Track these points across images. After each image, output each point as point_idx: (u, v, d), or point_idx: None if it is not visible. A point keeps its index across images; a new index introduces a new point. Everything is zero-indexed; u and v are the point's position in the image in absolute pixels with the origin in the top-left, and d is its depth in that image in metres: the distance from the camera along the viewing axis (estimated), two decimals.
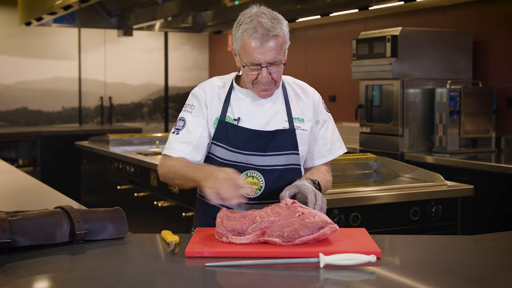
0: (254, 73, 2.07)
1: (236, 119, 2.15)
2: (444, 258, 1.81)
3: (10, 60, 8.06)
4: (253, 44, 2.02)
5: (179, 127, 2.17)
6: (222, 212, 1.95)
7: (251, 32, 2.02)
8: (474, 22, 5.09)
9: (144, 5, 6.53)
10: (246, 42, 2.03)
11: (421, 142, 4.83)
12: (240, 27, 2.05)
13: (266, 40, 2.02)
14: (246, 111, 2.17)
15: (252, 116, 2.16)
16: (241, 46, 2.05)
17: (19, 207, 2.35)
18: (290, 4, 5.74)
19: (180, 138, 2.15)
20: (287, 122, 2.19)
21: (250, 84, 2.12)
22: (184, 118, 2.18)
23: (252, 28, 2.02)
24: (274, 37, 2.03)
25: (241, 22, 2.06)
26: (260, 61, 2.04)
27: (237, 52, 2.10)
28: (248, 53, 2.04)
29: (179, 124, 2.18)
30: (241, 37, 2.04)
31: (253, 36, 2.02)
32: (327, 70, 6.80)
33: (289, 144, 2.17)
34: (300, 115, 2.22)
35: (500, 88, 4.87)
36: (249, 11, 2.09)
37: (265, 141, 2.13)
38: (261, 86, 2.10)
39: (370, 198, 2.89)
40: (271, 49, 2.03)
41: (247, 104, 2.18)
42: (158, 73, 8.90)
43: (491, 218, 4.10)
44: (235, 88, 2.21)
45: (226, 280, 1.67)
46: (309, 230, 1.84)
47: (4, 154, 7.77)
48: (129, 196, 4.69)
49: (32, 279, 1.61)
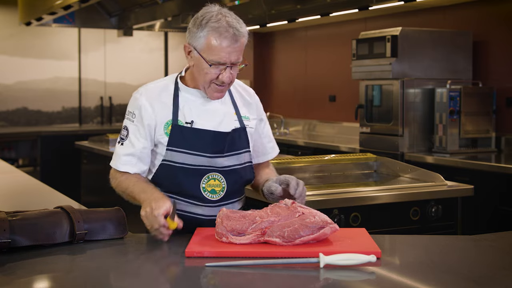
0: (215, 72, 2.05)
1: (189, 122, 2.13)
2: (444, 258, 1.81)
3: (10, 60, 8.05)
4: (223, 43, 2.01)
5: (123, 137, 2.19)
6: (222, 212, 1.95)
7: (223, 31, 2.01)
8: (474, 22, 5.09)
9: (144, 5, 6.53)
10: (215, 40, 2.01)
11: (421, 142, 4.83)
12: (206, 25, 2.02)
13: (235, 40, 2.02)
14: (197, 114, 2.15)
15: (205, 118, 2.15)
16: (207, 44, 2.02)
17: (19, 207, 2.35)
18: (290, 4, 5.74)
19: (125, 150, 2.18)
20: (237, 122, 2.21)
21: (206, 84, 2.09)
22: (127, 127, 2.18)
23: (223, 28, 2.01)
24: (242, 37, 2.04)
25: (207, 20, 2.02)
26: (226, 60, 2.03)
27: (198, 50, 2.05)
28: (215, 51, 2.02)
29: (123, 134, 2.19)
30: (207, 35, 2.01)
31: (223, 35, 2.01)
32: (327, 70, 6.80)
33: (243, 143, 2.21)
34: (246, 113, 2.26)
35: (500, 88, 4.87)
36: (210, 9, 2.07)
37: (223, 142, 2.14)
38: (218, 87, 2.09)
39: (370, 198, 2.89)
40: (238, 49, 2.04)
41: (198, 106, 2.16)
42: (158, 73, 8.90)
43: (491, 218, 4.10)
44: (181, 89, 2.17)
45: (226, 280, 1.67)
46: (309, 230, 1.84)
47: (4, 154, 7.77)
48: None
49: (32, 279, 1.61)
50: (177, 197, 2.14)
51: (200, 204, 2.14)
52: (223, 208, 1.98)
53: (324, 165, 3.50)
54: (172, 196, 2.14)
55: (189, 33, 2.08)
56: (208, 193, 2.14)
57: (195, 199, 2.14)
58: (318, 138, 6.30)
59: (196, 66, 2.09)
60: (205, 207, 2.15)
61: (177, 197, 2.14)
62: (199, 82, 2.11)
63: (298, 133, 7.01)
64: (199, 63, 2.07)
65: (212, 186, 2.14)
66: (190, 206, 2.15)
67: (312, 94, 7.08)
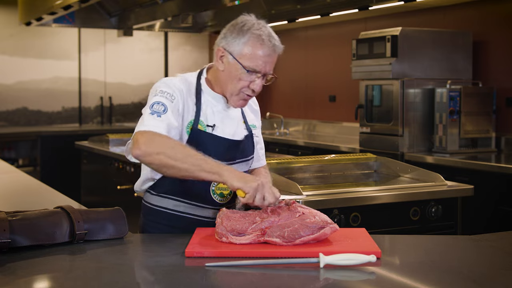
0: (247, 80, 2.05)
1: (211, 126, 2.11)
2: (444, 258, 1.81)
3: (10, 60, 8.05)
4: (263, 52, 2.02)
5: (158, 111, 1.98)
6: (222, 212, 1.95)
7: (265, 39, 2.02)
8: (474, 22, 5.09)
9: (144, 5, 6.53)
10: (255, 47, 2.02)
11: (421, 142, 4.83)
12: (248, 32, 2.02)
13: (273, 50, 2.05)
14: (220, 118, 2.14)
15: (225, 124, 2.15)
16: (246, 50, 2.02)
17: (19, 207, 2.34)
18: (290, 4, 5.74)
19: (163, 123, 1.97)
20: (246, 130, 2.22)
21: (235, 90, 2.08)
22: (163, 103, 2.01)
23: (265, 36, 2.03)
24: (279, 50, 2.07)
25: (248, 27, 2.03)
26: (262, 69, 2.04)
27: (234, 55, 2.04)
28: (253, 59, 2.03)
29: (158, 108, 1.99)
30: (248, 41, 2.02)
31: (265, 44, 2.02)
32: (327, 70, 6.80)
33: (250, 150, 2.23)
34: (253, 121, 2.28)
35: (500, 88, 4.87)
36: (249, 17, 2.08)
37: (236, 150, 2.14)
38: (245, 95, 2.09)
39: (370, 198, 2.89)
40: (273, 60, 2.07)
41: (220, 112, 2.15)
42: (158, 73, 8.90)
43: (491, 218, 4.10)
44: (204, 91, 2.15)
45: (226, 280, 1.67)
46: (309, 230, 1.85)
47: (4, 154, 7.77)
48: (129, 196, 4.69)
49: (32, 279, 1.61)
50: (184, 200, 2.13)
51: (208, 207, 2.14)
52: (223, 208, 1.98)
53: (324, 165, 3.50)
54: (178, 199, 2.13)
55: (225, 38, 2.07)
56: (217, 196, 2.14)
57: (204, 202, 2.13)
58: (318, 138, 6.30)
59: (227, 72, 2.07)
60: (211, 210, 2.15)
61: (184, 200, 2.13)
62: (227, 88, 2.09)
63: (298, 133, 7.01)
64: (232, 69, 2.06)
65: (221, 190, 2.14)
66: (197, 208, 2.14)
67: (312, 94, 7.08)
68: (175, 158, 1.88)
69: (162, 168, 1.91)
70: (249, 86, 2.07)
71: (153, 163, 1.91)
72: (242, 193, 1.88)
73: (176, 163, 1.88)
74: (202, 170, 1.88)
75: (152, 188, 2.18)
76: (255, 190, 1.87)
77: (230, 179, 1.87)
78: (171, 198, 2.14)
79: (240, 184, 1.86)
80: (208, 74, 2.18)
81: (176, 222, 2.14)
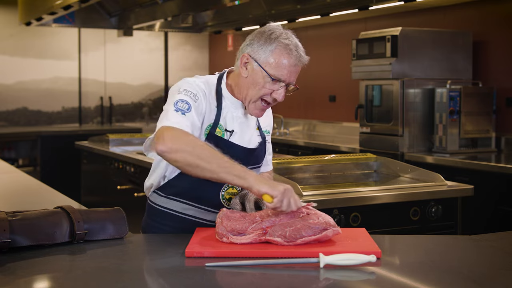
0: (270, 88, 2.05)
1: (230, 131, 2.10)
2: (444, 258, 1.81)
3: (10, 60, 8.06)
4: (289, 61, 2.02)
5: (182, 109, 1.96)
6: (222, 212, 1.95)
7: (292, 49, 2.02)
8: (474, 22, 5.09)
9: (144, 5, 6.53)
10: (282, 56, 2.02)
11: (421, 142, 4.83)
12: (276, 40, 2.02)
13: (299, 61, 2.05)
14: (238, 125, 2.13)
15: (243, 131, 2.14)
16: (273, 59, 2.02)
17: (19, 207, 2.35)
18: (290, 4, 5.74)
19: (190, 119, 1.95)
20: (259, 137, 2.21)
21: (255, 98, 2.07)
22: (187, 101, 1.98)
23: (293, 46, 2.03)
24: (304, 62, 2.07)
25: (277, 36, 2.03)
26: (286, 78, 2.04)
27: (260, 63, 2.04)
28: (279, 67, 2.02)
29: (183, 106, 1.96)
30: (275, 50, 2.02)
31: (292, 54, 2.02)
32: (327, 70, 6.80)
33: (261, 156, 2.23)
34: (267, 127, 2.28)
35: (500, 88, 4.87)
36: (275, 26, 2.07)
37: (249, 158, 2.13)
38: (263, 105, 2.08)
39: (370, 198, 2.89)
40: (297, 71, 2.07)
41: (240, 117, 2.14)
42: (158, 73, 8.90)
43: (491, 218, 4.10)
44: (225, 96, 2.13)
45: (226, 280, 1.67)
46: (311, 230, 1.85)
47: (4, 154, 7.77)
48: (129, 196, 4.69)
49: (32, 279, 1.61)
50: (193, 203, 2.12)
51: (216, 211, 2.10)
52: (223, 209, 1.98)
53: (324, 165, 3.50)
54: (187, 203, 2.12)
55: (251, 45, 2.06)
56: (226, 201, 2.13)
57: (212, 206, 2.12)
58: (318, 138, 6.30)
59: (251, 78, 2.06)
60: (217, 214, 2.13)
61: (193, 203, 2.12)
62: (247, 94, 2.08)
63: (298, 133, 7.01)
64: (256, 76, 2.05)
65: (230, 195, 2.13)
66: (205, 212, 2.13)
67: (312, 94, 7.08)
68: (201, 158, 1.86)
69: (186, 166, 1.87)
70: (272, 94, 2.06)
71: (178, 160, 1.87)
72: (269, 198, 1.85)
73: (202, 162, 1.85)
74: (227, 173, 1.86)
75: (161, 189, 2.16)
76: (283, 194, 1.85)
77: (256, 184, 1.85)
78: (180, 201, 2.12)
79: (267, 189, 1.84)
80: (228, 79, 2.16)
81: (182, 225, 2.13)
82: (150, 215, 2.20)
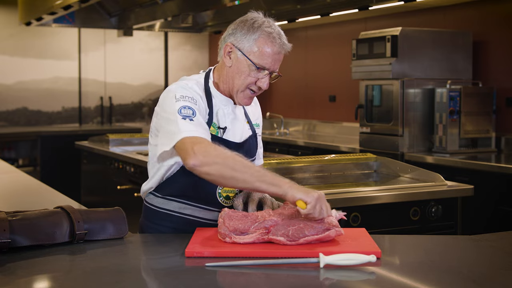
0: (255, 77, 2.06)
1: (223, 128, 2.12)
2: (444, 258, 1.81)
3: (10, 60, 8.05)
4: (273, 49, 2.03)
5: (189, 115, 1.95)
6: (224, 212, 1.95)
7: (276, 37, 2.03)
8: (474, 22, 5.09)
9: (144, 5, 6.53)
10: (266, 44, 2.03)
11: (421, 142, 4.83)
12: (259, 29, 2.03)
13: (283, 49, 2.06)
14: (230, 121, 2.15)
15: (234, 127, 2.16)
16: (256, 47, 2.03)
17: (19, 207, 2.35)
18: (290, 4, 5.74)
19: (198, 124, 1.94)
20: (250, 130, 2.22)
21: (242, 87, 2.08)
22: (190, 107, 1.98)
23: (276, 34, 2.04)
24: (287, 49, 2.07)
25: (259, 24, 2.04)
26: (270, 66, 2.05)
27: (244, 52, 2.05)
28: (264, 56, 2.03)
29: (187, 112, 1.95)
30: (259, 38, 2.03)
31: (275, 42, 2.03)
32: (327, 70, 6.80)
33: (254, 150, 2.23)
34: (256, 120, 2.28)
35: (500, 88, 4.87)
36: (257, 15, 2.08)
37: (242, 152, 2.11)
38: (251, 93, 2.10)
39: (370, 198, 2.89)
40: (281, 58, 2.08)
41: (230, 114, 2.16)
42: (158, 73, 8.90)
43: (491, 218, 4.10)
44: (214, 95, 2.14)
45: (226, 280, 1.67)
46: (314, 230, 1.85)
47: (4, 154, 7.77)
48: (129, 196, 4.69)
49: (32, 279, 1.61)
50: (190, 202, 2.12)
51: (213, 209, 2.12)
52: (225, 209, 1.98)
53: (324, 165, 3.50)
54: (184, 202, 2.12)
55: (233, 34, 2.07)
56: (223, 198, 2.14)
57: (210, 204, 2.12)
58: (318, 138, 6.30)
59: (235, 68, 2.08)
60: (216, 212, 2.13)
61: (190, 202, 2.12)
62: (233, 84, 2.09)
63: (298, 133, 7.01)
64: (241, 65, 2.06)
65: (227, 192, 2.14)
66: (202, 211, 2.13)
67: (312, 94, 7.08)
68: (234, 169, 1.86)
69: (219, 178, 1.88)
70: (256, 83, 2.08)
71: (211, 173, 1.86)
72: (303, 204, 1.85)
73: (235, 173, 1.86)
74: (261, 182, 1.86)
75: (157, 190, 2.16)
76: (317, 200, 1.85)
77: (290, 191, 1.85)
78: (177, 201, 2.12)
79: (301, 195, 1.84)
80: (214, 76, 2.17)
81: (180, 225, 2.12)
82: (147, 217, 2.20)
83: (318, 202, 1.85)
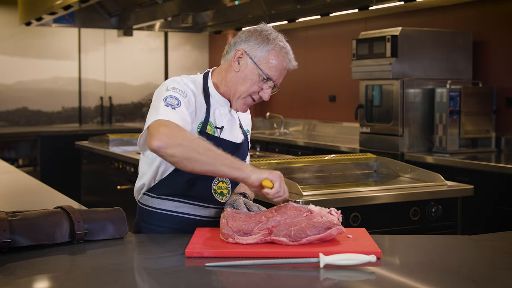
0: (259, 86, 2.11)
1: (220, 128, 2.15)
2: (444, 258, 1.81)
3: (10, 60, 8.05)
4: (283, 64, 2.11)
5: (172, 104, 1.95)
6: (227, 212, 1.95)
7: (287, 53, 2.11)
8: (474, 22, 5.09)
9: (144, 5, 6.53)
10: (278, 57, 2.09)
11: (421, 142, 4.83)
12: (274, 41, 2.09)
13: (289, 66, 2.13)
14: (227, 121, 2.18)
15: (231, 128, 2.19)
16: (268, 58, 2.08)
17: (19, 207, 2.35)
18: (290, 4, 5.74)
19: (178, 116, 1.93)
20: (242, 134, 2.26)
21: (244, 94, 2.12)
22: (177, 97, 1.98)
23: (287, 50, 2.11)
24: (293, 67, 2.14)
25: (274, 37, 2.10)
26: (275, 79, 2.11)
27: (255, 60, 2.08)
28: (273, 68, 2.09)
29: (172, 102, 1.96)
30: (272, 49, 2.08)
31: (286, 57, 2.11)
32: (327, 70, 6.80)
33: (246, 153, 2.28)
34: (247, 126, 2.32)
35: (500, 88, 4.87)
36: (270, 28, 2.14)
37: (237, 153, 2.15)
38: (251, 100, 2.14)
39: (370, 198, 2.89)
40: (284, 74, 2.15)
41: (227, 115, 2.19)
42: (158, 73, 8.90)
43: (491, 218, 4.10)
44: (212, 94, 2.16)
45: (226, 280, 1.67)
46: (316, 230, 1.85)
47: (4, 154, 7.77)
48: (129, 196, 4.67)
49: (32, 279, 1.61)
50: (185, 201, 2.13)
51: (209, 206, 2.15)
52: (228, 209, 1.98)
53: (324, 165, 3.50)
54: (180, 200, 2.12)
55: (247, 42, 2.11)
56: (218, 195, 2.16)
57: (205, 201, 2.14)
58: (318, 138, 6.30)
59: (242, 74, 2.11)
60: (212, 209, 2.15)
61: (186, 200, 2.13)
62: (236, 89, 2.13)
63: (298, 133, 7.01)
64: (249, 72, 2.10)
65: (221, 188, 2.16)
66: (198, 208, 2.14)
67: (312, 94, 7.08)
68: (198, 151, 1.85)
69: (184, 160, 1.85)
70: (259, 92, 2.12)
71: (175, 155, 1.84)
72: (270, 183, 1.88)
73: (200, 156, 1.85)
74: (224, 165, 1.87)
75: (151, 190, 2.16)
76: (280, 178, 1.91)
77: (253, 173, 1.89)
78: (172, 200, 2.13)
79: (267, 175, 1.89)
80: (213, 78, 2.19)
81: (177, 224, 2.13)
82: (143, 218, 2.19)
83: (282, 181, 1.91)
